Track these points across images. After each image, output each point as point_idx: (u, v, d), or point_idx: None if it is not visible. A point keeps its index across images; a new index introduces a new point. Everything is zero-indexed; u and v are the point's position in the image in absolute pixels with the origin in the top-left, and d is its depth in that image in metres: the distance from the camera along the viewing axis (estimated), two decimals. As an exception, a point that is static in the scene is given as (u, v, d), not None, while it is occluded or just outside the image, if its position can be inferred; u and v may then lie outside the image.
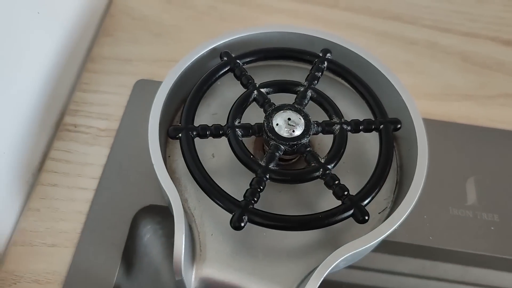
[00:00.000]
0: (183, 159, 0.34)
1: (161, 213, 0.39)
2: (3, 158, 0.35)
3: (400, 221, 0.32)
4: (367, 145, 0.39)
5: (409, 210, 0.33)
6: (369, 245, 0.31)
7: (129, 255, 0.37)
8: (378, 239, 0.31)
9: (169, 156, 0.38)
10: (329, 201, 0.35)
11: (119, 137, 0.41)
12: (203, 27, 0.49)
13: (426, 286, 0.45)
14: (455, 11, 0.52)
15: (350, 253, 0.31)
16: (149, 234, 0.40)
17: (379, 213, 0.36)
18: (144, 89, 0.44)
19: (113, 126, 0.41)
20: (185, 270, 0.31)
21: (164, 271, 0.46)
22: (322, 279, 0.30)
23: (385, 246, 0.40)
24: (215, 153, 0.37)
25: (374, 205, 0.33)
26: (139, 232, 0.38)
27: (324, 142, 0.39)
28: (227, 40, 0.40)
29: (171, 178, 0.32)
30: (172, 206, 0.31)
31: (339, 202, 0.33)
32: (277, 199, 0.36)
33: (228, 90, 0.40)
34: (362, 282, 0.47)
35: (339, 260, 0.30)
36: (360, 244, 0.31)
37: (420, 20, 0.52)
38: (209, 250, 0.33)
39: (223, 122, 0.35)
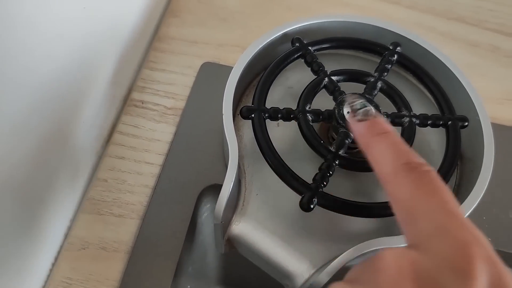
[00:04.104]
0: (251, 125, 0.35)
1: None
2: (83, 126, 0.36)
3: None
4: (425, 140, 0.39)
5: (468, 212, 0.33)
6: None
7: (192, 232, 0.38)
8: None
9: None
10: (381, 194, 0.36)
11: (185, 116, 0.41)
12: (268, 15, 0.49)
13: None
14: (521, 16, 0.52)
15: (375, 248, 0.31)
16: (207, 213, 0.41)
17: None
18: (209, 71, 0.44)
19: (179, 105, 0.42)
20: (224, 218, 0.32)
21: (210, 252, 0.46)
22: (342, 266, 0.30)
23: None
24: (280, 123, 0.38)
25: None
26: (201, 210, 0.39)
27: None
28: (298, 26, 0.40)
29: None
30: (229, 154, 0.32)
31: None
32: (336, 185, 0.36)
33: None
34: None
35: (362, 253, 0.30)
36: (388, 242, 0.31)
37: (484, 23, 0.51)
38: (250, 207, 0.34)
39: (296, 98, 0.36)
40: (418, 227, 0.22)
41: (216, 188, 0.38)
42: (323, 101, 0.37)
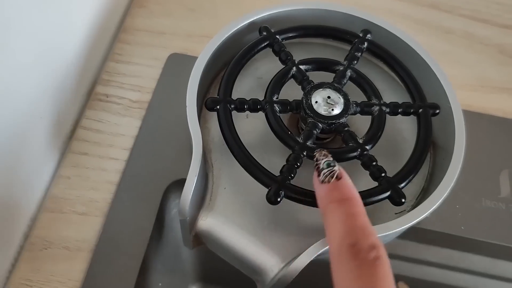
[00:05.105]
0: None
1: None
2: (41, 122, 0.34)
3: (425, 214, 0.31)
4: (397, 129, 0.39)
5: (437, 204, 0.32)
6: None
7: (159, 228, 0.37)
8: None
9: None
10: (357, 183, 0.35)
11: (151, 109, 0.40)
12: (237, 4, 0.48)
13: (451, 277, 0.45)
14: (494, 2, 0.51)
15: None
16: (176, 209, 0.39)
17: (395, 213, 0.35)
18: (177, 63, 0.43)
19: (145, 98, 0.41)
20: (190, 213, 0.31)
21: (185, 248, 0.45)
22: (310, 260, 0.29)
23: (415, 233, 0.40)
24: (249, 114, 0.37)
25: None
26: (169, 205, 0.38)
27: (357, 126, 0.38)
28: (266, 14, 0.39)
29: (201, 127, 0.32)
30: (193, 147, 0.31)
31: (366, 185, 0.32)
32: (305, 176, 0.35)
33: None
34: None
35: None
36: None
37: (457, 9, 0.51)
38: (218, 202, 0.33)
39: (265, 88, 0.35)
40: None
41: (183, 183, 0.37)
42: (292, 91, 0.36)
